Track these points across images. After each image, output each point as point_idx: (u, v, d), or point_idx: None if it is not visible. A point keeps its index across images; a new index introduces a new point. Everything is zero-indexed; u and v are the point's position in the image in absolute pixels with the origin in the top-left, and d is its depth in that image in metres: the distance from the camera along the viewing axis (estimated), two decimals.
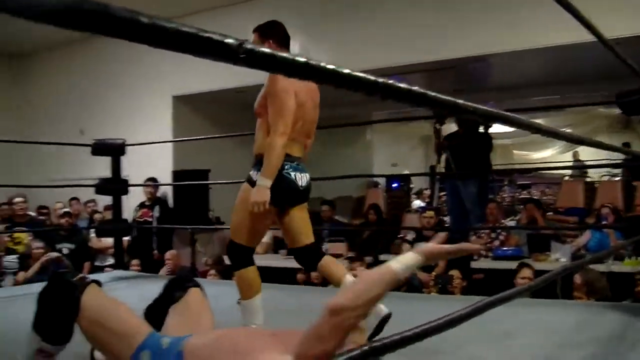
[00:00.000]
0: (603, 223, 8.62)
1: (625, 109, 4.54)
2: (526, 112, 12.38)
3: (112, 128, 10.85)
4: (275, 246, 10.57)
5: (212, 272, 9.15)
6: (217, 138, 9.51)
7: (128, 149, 7.40)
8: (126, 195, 7.74)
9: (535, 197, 12.95)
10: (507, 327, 4.01)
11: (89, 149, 7.44)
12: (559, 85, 11.35)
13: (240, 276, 4.03)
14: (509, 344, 3.75)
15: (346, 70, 1.17)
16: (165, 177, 10.63)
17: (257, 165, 4.01)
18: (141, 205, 10.41)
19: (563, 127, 14.14)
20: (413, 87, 1.37)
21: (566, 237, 9.00)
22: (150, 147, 9.01)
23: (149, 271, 8.36)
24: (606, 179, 14.01)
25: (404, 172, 17.86)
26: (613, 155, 9.49)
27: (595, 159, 14.24)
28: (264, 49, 0.99)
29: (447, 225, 10.07)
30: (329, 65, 1.13)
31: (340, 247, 9.58)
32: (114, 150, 7.33)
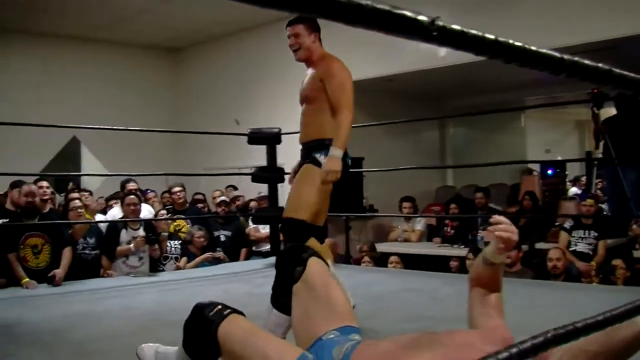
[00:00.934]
0: None
1: None
2: None
3: (266, 117, 11.04)
4: (430, 234, 10.52)
5: (366, 259, 9.21)
6: (369, 126, 9.53)
7: (283, 137, 7.52)
8: (282, 184, 7.88)
9: None
10: None
11: (244, 138, 7.61)
12: None
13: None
14: None
15: (533, 48, 1.13)
16: None
17: (319, 148, 4.20)
18: None
19: None
20: (599, 65, 1.32)
21: None
22: None
23: None
24: None
25: (560, 158, 17.40)
26: None
27: None
28: (454, 26, 0.97)
29: (605, 213, 9.74)
30: (517, 43, 1.10)
31: None
32: (270, 139, 7.46)
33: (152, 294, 5.82)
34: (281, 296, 2.87)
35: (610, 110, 9.48)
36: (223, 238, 9.00)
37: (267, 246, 8.97)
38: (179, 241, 8.23)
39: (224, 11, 11.58)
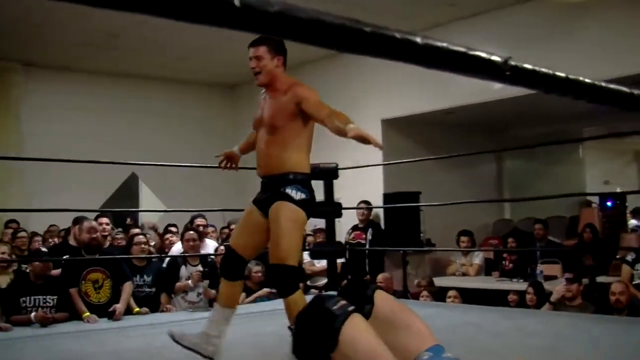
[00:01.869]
0: None
1: None
2: None
3: (321, 152, 11.03)
4: (487, 268, 10.42)
5: (424, 293, 9.13)
6: (426, 160, 9.50)
7: (339, 172, 7.52)
8: (339, 219, 7.88)
9: None
10: None
11: None
12: None
13: (295, 301, 3.87)
14: None
15: (603, 84, 1.12)
16: (377, 199, 10.72)
17: (286, 183, 4.05)
18: (354, 227, 10.55)
19: None
20: None
21: None
22: (361, 170, 9.13)
23: None
24: None
25: (620, 190, 17.10)
26: None
27: None
28: (526, 66, 0.97)
29: None
30: (587, 80, 1.09)
31: (554, 269, 9.28)
32: (327, 174, 7.45)
33: None
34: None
35: None
36: None
37: (323, 280, 8.97)
38: None
39: None
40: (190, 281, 7.22)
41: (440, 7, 9.87)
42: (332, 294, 2.52)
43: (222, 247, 8.75)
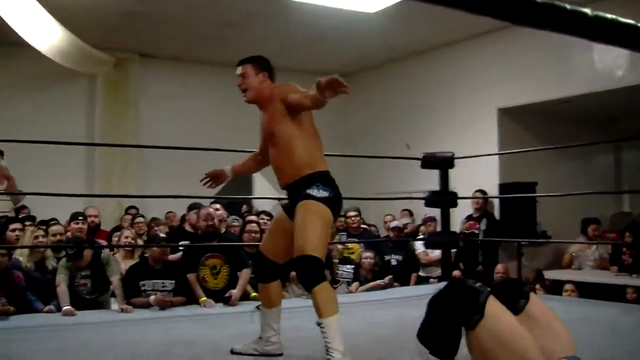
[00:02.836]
0: None
1: None
2: None
3: (437, 141, 10.97)
4: (611, 261, 10.08)
5: (537, 286, 8.97)
6: (543, 150, 9.28)
7: (454, 161, 7.44)
8: (454, 208, 7.79)
9: None
10: None
11: (412, 163, 7.58)
12: None
13: (322, 291, 3.75)
14: None
15: None
16: (491, 189, 10.55)
17: (306, 185, 3.95)
18: (469, 217, 10.40)
19: None
20: None
21: None
22: (476, 160, 8.98)
23: None
24: None
25: None
26: None
27: None
28: None
29: None
30: None
31: None
32: (443, 163, 7.39)
33: None
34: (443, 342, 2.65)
35: None
36: (394, 262, 8.98)
37: (436, 271, 8.89)
38: (352, 266, 8.26)
39: (393, 37, 11.63)
40: None
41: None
42: (468, 278, 2.68)
43: (337, 237, 8.80)
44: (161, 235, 7.56)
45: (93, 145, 12.24)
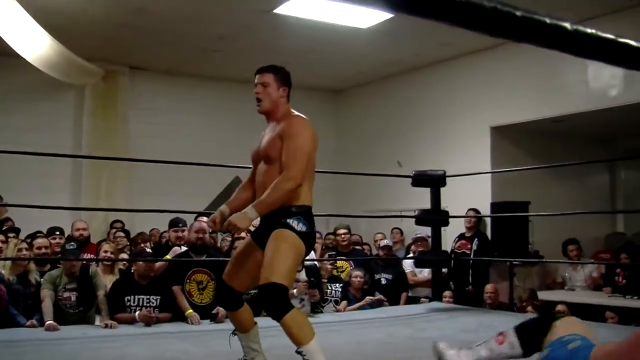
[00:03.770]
0: None
1: None
2: None
3: (429, 159, 10.91)
4: (605, 282, 10.01)
5: (529, 308, 8.88)
6: (536, 169, 9.22)
7: (446, 180, 7.38)
8: (445, 227, 7.71)
9: None
10: None
11: (404, 181, 7.51)
12: None
13: (292, 319, 3.63)
14: None
15: None
16: (484, 208, 10.48)
17: (286, 215, 3.85)
18: (460, 236, 10.32)
19: None
20: None
21: None
22: (468, 179, 8.92)
23: (461, 304, 8.24)
24: None
25: None
26: None
27: None
28: None
29: None
30: None
31: None
32: (435, 181, 7.34)
33: None
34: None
35: None
36: (384, 281, 8.87)
37: (424, 292, 8.80)
38: (340, 284, 8.15)
39: (386, 53, 11.59)
40: (295, 290, 7.06)
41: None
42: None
43: (327, 255, 8.68)
44: (148, 250, 7.44)
45: (79, 157, 12.05)
